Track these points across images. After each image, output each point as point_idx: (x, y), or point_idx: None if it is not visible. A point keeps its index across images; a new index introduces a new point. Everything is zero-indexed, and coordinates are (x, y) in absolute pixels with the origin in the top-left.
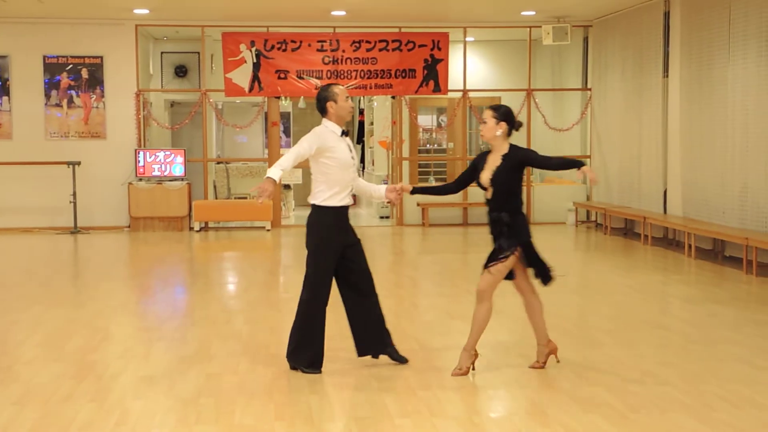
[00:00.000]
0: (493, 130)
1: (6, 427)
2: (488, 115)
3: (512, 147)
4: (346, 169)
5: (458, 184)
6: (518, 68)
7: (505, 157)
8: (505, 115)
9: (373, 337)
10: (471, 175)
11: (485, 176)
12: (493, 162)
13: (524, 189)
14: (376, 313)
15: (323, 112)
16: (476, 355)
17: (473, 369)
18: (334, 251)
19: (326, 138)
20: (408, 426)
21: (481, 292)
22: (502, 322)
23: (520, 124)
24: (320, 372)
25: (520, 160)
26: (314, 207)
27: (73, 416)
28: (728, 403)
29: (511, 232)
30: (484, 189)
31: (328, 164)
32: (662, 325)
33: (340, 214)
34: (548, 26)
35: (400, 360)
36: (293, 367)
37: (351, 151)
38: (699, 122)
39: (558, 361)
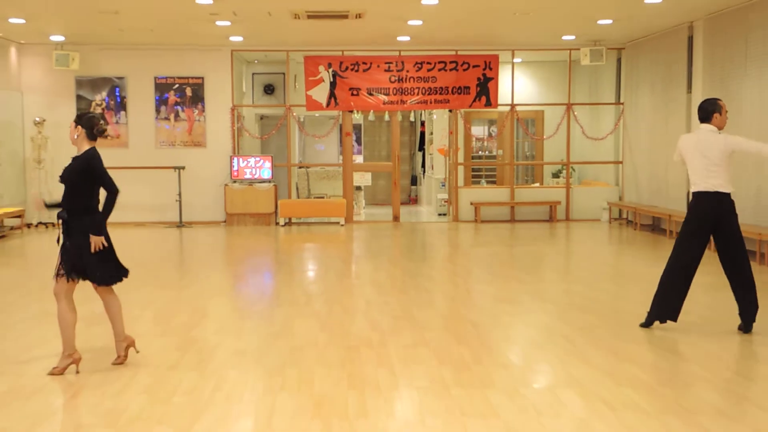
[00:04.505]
0: (73, 133)
1: (124, 389)
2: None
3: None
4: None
5: None
6: (559, 85)
7: (75, 158)
8: (80, 119)
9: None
10: None
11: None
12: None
13: (564, 191)
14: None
15: (706, 119)
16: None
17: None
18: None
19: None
20: (463, 395)
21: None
22: (544, 307)
23: (100, 131)
24: None
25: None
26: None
27: (178, 382)
28: (745, 378)
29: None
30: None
31: None
32: (686, 309)
33: (700, 198)
34: (586, 49)
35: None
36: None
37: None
38: None
39: (138, 352)
